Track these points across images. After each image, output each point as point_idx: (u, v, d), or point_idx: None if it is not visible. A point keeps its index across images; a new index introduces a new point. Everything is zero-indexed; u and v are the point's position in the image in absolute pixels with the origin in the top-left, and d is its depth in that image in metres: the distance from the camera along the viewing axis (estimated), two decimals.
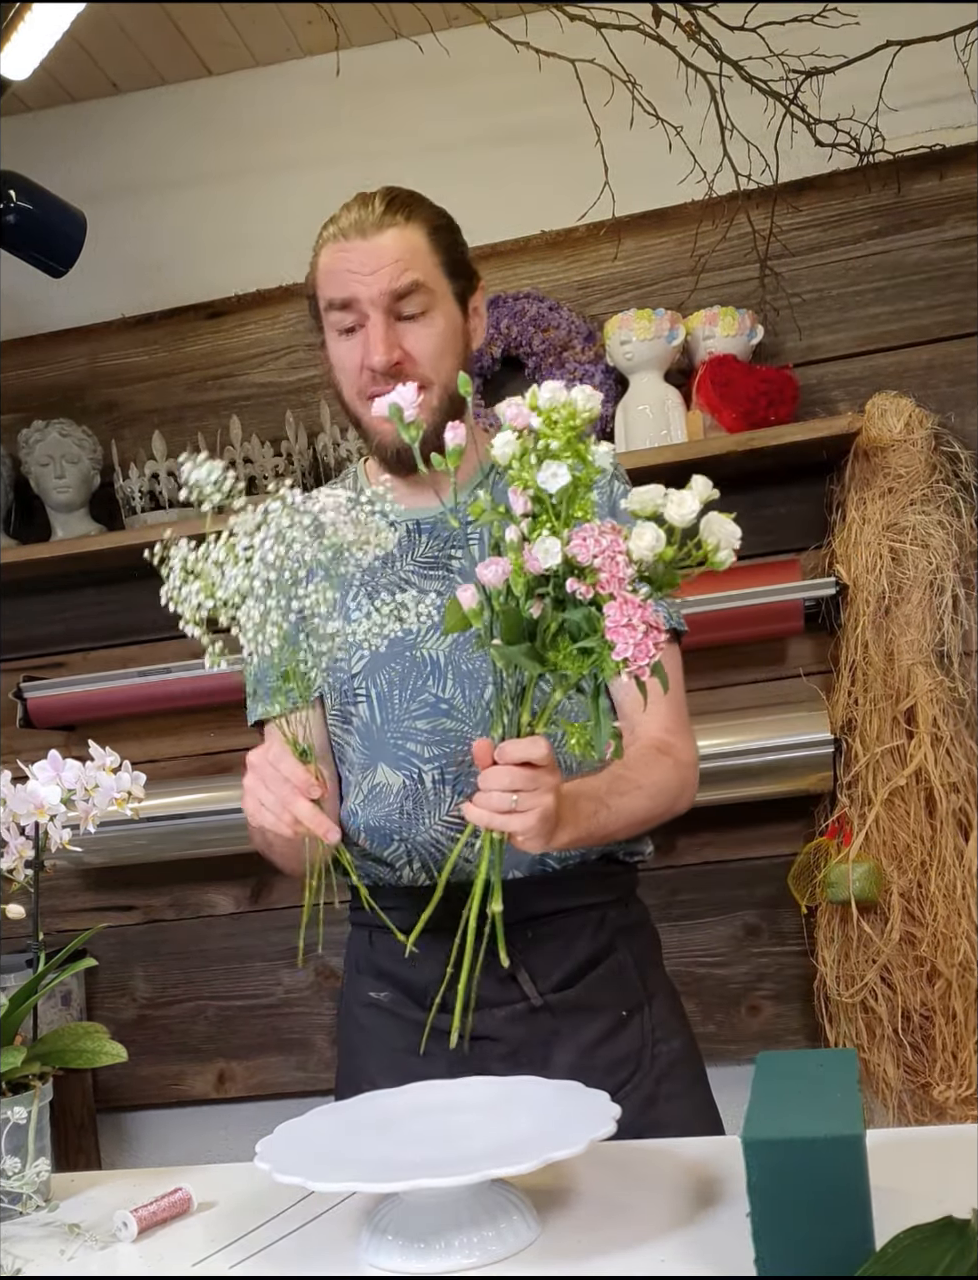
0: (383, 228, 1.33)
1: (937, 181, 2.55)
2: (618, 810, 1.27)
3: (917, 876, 2.34)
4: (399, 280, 1.32)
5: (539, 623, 0.98)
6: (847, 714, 2.42)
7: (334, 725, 1.45)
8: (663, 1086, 1.37)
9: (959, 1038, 2.30)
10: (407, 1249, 0.92)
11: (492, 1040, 1.35)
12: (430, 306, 1.34)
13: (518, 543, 0.97)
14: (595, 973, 1.38)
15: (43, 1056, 1.16)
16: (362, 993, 1.45)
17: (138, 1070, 2.77)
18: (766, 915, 2.58)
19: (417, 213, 1.35)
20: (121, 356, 2.82)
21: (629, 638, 0.94)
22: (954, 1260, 0.72)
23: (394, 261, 1.32)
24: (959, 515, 2.42)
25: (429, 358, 1.34)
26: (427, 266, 1.34)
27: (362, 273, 1.32)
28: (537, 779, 1.07)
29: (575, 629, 0.97)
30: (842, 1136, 0.78)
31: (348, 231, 1.34)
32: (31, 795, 1.25)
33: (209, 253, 2.78)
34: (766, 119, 2.45)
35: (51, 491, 2.67)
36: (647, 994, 1.41)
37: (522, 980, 1.35)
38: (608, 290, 2.65)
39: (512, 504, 0.98)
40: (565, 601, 0.97)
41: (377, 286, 1.32)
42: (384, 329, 1.32)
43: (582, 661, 0.97)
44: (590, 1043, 1.36)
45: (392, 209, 1.34)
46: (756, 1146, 0.79)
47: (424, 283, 1.33)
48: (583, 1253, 0.91)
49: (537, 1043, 1.35)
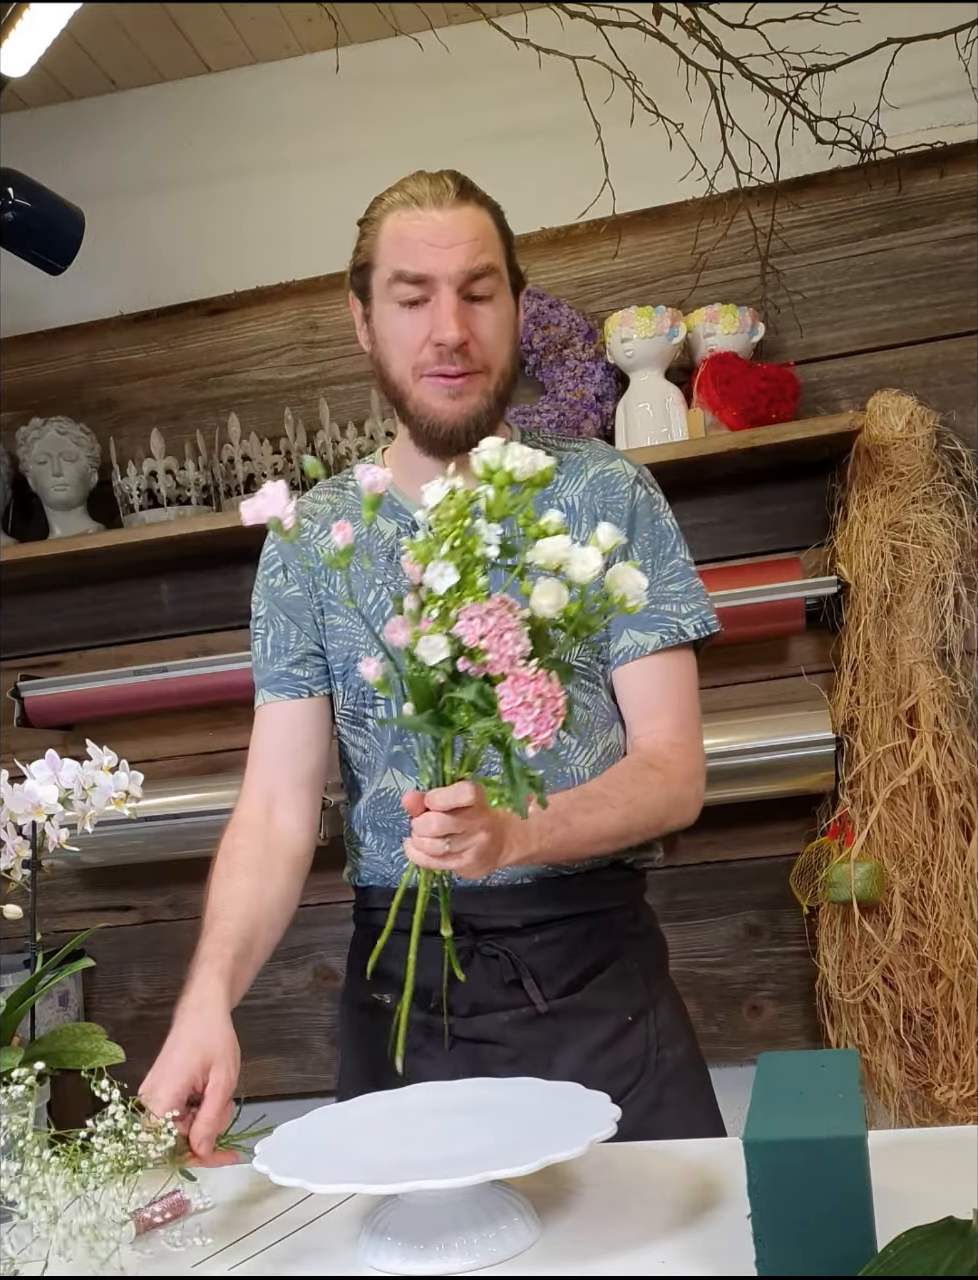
0: (460, 203, 1.30)
1: (938, 179, 2.55)
2: (581, 826, 1.24)
3: (919, 876, 2.33)
4: (477, 260, 1.29)
5: (441, 691, 0.96)
6: (848, 713, 2.42)
7: (343, 725, 1.44)
8: (667, 1092, 1.36)
9: (961, 1038, 2.30)
10: (406, 1250, 0.92)
11: (495, 1044, 1.34)
12: (497, 291, 1.32)
13: (416, 612, 0.95)
14: (600, 978, 1.37)
15: (40, 1057, 1.16)
16: (363, 994, 1.43)
17: (136, 1071, 2.75)
18: (767, 915, 2.58)
19: (485, 199, 1.34)
20: (120, 354, 2.81)
21: (527, 716, 0.92)
22: (956, 1261, 0.71)
23: (473, 240, 1.29)
24: (961, 514, 2.42)
25: (492, 342, 1.32)
26: (496, 251, 1.32)
27: (439, 245, 1.28)
28: (465, 823, 1.05)
29: (459, 704, 0.95)
30: (843, 1137, 0.77)
31: (423, 200, 1.30)
32: (29, 795, 1.24)
33: (208, 250, 2.77)
34: (766, 116, 2.44)
35: (49, 490, 2.67)
36: (651, 999, 1.40)
37: (527, 986, 1.34)
38: (608, 288, 2.65)
39: (407, 573, 0.95)
40: (461, 675, 0.95)
41: (454, 263, 1.29)
42: (458, 305, 1.29)
43: (483, 729, 0.95)
44: (594, 1048, 1.35)
45: (465, 190, 1.32)
46: (757, 1147, 0.78)
47: (497, 267, 1.32)
48: (583, 1254, 0.90)
49: (540, 1048, 1.34)
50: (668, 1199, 0.98)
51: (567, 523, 1.33)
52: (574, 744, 1.36)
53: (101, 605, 2.79)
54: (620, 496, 1.39)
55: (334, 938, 2.69)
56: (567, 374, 2.53)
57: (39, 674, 2.75)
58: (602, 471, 1.40)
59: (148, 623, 2.79)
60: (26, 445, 2.67)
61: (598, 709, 1.39)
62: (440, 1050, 1.36)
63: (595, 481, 1.39)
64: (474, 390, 1.32)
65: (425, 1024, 1.37)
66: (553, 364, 2.56)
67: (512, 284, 1.36)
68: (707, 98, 2.40)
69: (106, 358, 2.82)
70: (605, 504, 1.38)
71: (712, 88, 2.40)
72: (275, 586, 1.45)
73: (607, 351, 2.51)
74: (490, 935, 1.34)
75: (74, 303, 2.79)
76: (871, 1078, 2.38)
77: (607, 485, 1.39)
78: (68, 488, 2.66)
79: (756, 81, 2.41)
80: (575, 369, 2.53)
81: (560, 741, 1.33)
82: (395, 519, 1.40)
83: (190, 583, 2.76)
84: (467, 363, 1.30)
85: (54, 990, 2.55)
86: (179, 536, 2.54)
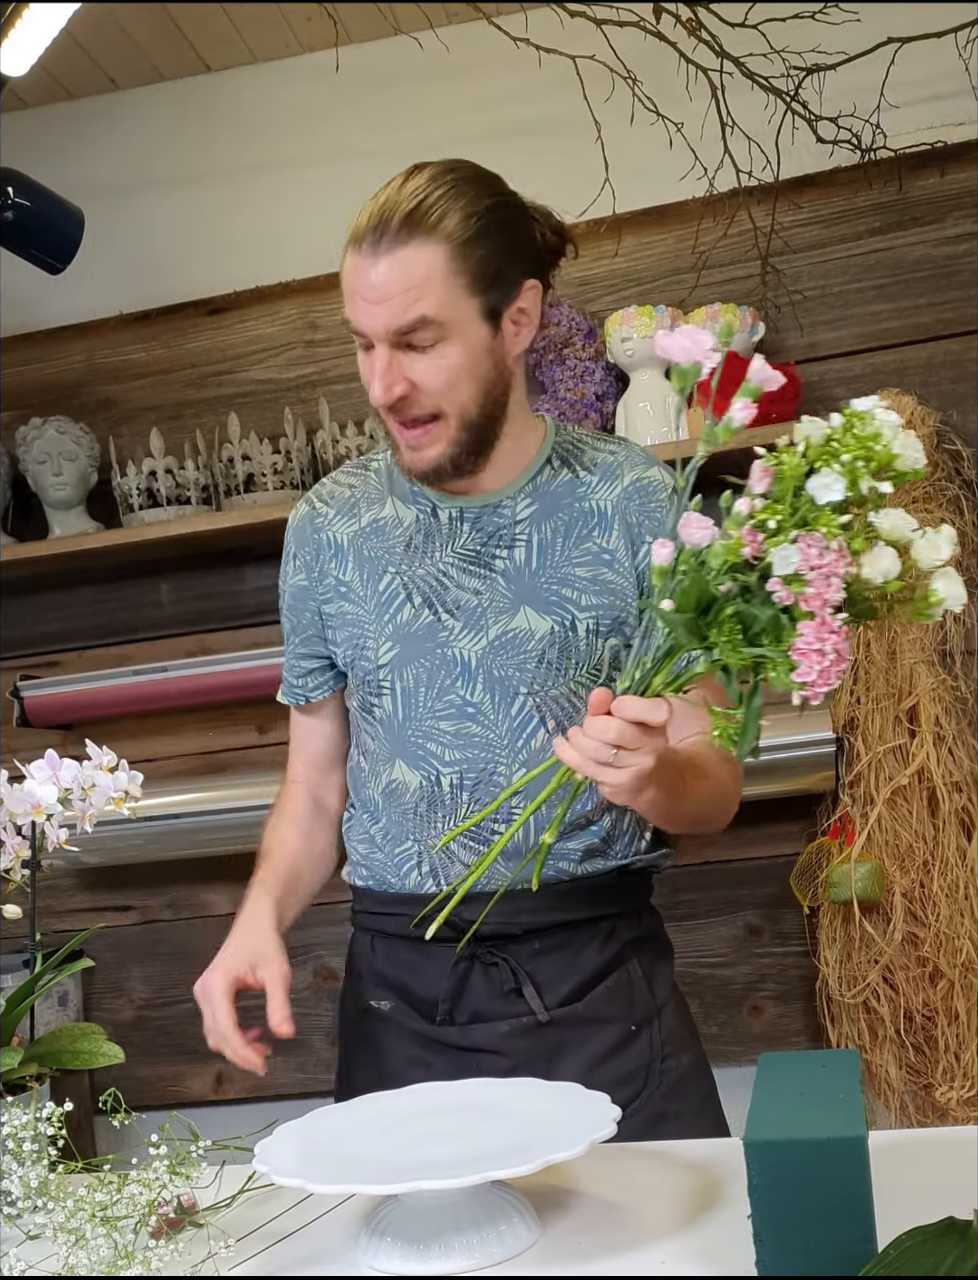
0: (396, 247, 1.21)
1: (938, 179, 2.55)
2: (689, 791, 1.23)
3: (919, 876, 2.33)
4: (405, 316, 1.21)
5: (716, 601, 0.93)
6: (849, 713, 2.42)
7: (358, 714, 1.42)
8: (672, 1104, 1.34)
9: (962, 1039, 2.29)
10: (406, 1251, 0.92)
11: (494, 1054, 1.32)
12: (442, 337, 1.23)
13: (743, 517, 0.91)
14: (603, 985, 1.35)
15: (40, 1058, 1.16)
16: (362, 999, 1.42)
17: (135, 1071, 2.76)
18: (767, 915, 2.58)
19: (443, 223, 1.22)
20: (119, 353, 2.81)
21: (816, 663, 0.89)
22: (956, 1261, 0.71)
23: (403, 292, 1.21)
24: (961, 513, 2.42)
25: (438, 390, 1.25)
26: (440, 293, 1.22)
27: (370, 300, 1.23)
28: (642, 739, 1.04)
29: (751, 620, 0.91)
30: (844, 1138, 0.77)
31: (363, 239, 1.23)
32: (28, 795, 1.24)
33: (207, 249, 2.77)
34: (767, 116, 2.44)
35: (49, 489, 2.66)
36: (656, 1007, 1.38)
37: (528, 995, 1.32)
38: (608, 287, 2.64)
39: (752, 478, 0.92)
40: (753, 592, 0.91)
41: (381, 321, 1.22)
42: (387, 363, 1.23)
43: (741, 655, 0.92)
44: (596, 1057, 1.33)
45: (412, 220, 1.21)
46: (757, 1148, 0.78)
47: (433, 317, 1.21)
48: (583, 1254, 0.90)
49: (540, 1058, 1.31)
50: (668, 1199, 0.98)
51: (597, 529, 1.33)
52: None
53: (101, 605, 2.79)
54: (659, 506, 1.34)
55: (334, 938, 2.69)
56: (567, 373, 2.53)
57: (38, 674, 2.74)
58: (640, 479, 1.35)
59: (147, 623, 2.78)
60: (26, 445, 2.67)
61: None
62: (439, 1059, 1.34)
63: (633, 489, 1.35)
64: (438, 440, 1.28)
65: (424, 1035, 1.35)
66: (553, 363, 2.55)
67: (489, 305, 1.26)
68: (707, 97, 2.40)
69: (106, 357, 2.82)
70: (643, 512, 1.34)
71: (712, 87, 2.40)
72: (289, 574, 1.44)
73: (607, 351, 2.51)
74: (490, 942, 1.32)
75: (73, 302, 2.79)
76: (871, 1078, 2.38)
77: (645, 493, 1.35)
78: (67, 487, 2.66)
79: (756, 81, 2.41)
80: (575, 368, 2.53)
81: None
82: (415, 505, 1.37)
83: (190, 583, 2.76)
84: (412, 411, 1.26)
85: (53, 990, 2.55)
86: (179, 536, 2.54)
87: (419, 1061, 1.34)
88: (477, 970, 1.33)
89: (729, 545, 0.91)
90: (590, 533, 1.33)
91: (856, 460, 0.88)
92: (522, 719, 1.32)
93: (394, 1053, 1.37)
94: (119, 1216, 0.93)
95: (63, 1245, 0.90)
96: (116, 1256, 0.90)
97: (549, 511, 1.34)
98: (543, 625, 1.31)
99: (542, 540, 1.33)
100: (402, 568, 1.35)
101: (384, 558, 1.36)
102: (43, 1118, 1.00)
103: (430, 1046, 1.35)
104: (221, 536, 2.53)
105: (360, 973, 1.44)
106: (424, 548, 1.35)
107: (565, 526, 1.34)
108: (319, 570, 1.40)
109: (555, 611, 1.32)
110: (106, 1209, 0.92)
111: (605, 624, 1.32)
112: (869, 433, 0.89)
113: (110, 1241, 0.90)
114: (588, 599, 1.32)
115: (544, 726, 1.32)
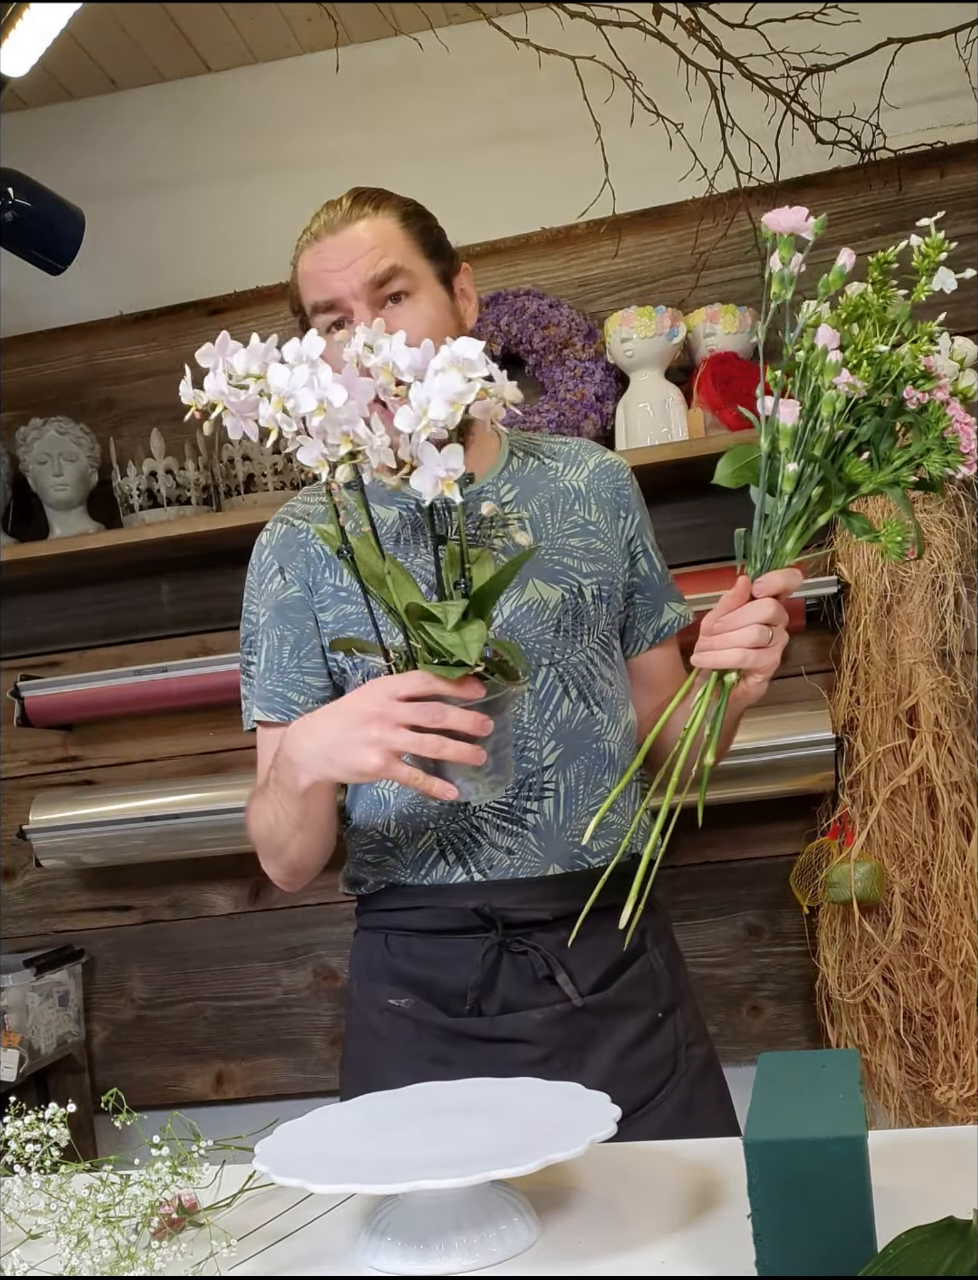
0: (352, 220, 1.33)
1: (938, 179, 2.55)
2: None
3: (919, 876, 2.33)
4: (377, 267, 1.31)
5: (836, 445, 1.06)
6: (848, 713, 2.42)
7: None
8: (698, 1091, 1.35)
9: (961, 1038, 2.29)
10: (406, 1250, 0.92)
11: (526, 1044, 1.31)
12: (413, 288, 1.33)
13: (837, 365, 1.04)
14: (630, 972, 1.36)
15: None
16: (378, 999, 1.40)
17: (136, 1071, 2.77)
18: (767, 915, 2.58)
19: (385, 202, 1.36)
20: (120, 354, 2.81)
21: (971, 434, 1.03)
22: (956, 1261, 0.71)
23: (370, 250, 1.31)
24: (961, 514, 2.42)
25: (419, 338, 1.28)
26: (402, 250, 1.33)
27: (339, 268, 1.32)
28: (784, 612, 1.12)
29: (878, 441, 1.05)
30: (843, 1137, 0.77)
31: (320, 233, 1.34)
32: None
33: (208, 250, 2.77)
34: (766, 116, 2.44)
35: (49, 490, 2.67)
36: (678, 995, 1.39)
37: (561, 981, 1.32)
38: (608, 288, 2.65)
39: (824, 337, 1.07)
40: (862, 419, 1.05)
41: (355, 278, 1.31)
42: (370, 318, 1.28)
43: (874, 473, 1.05)
44: (627, 1045, 1.33)
45: (358, 202, 1.35)
46: (757, 1148, 0.78)
47: (403, 266, 1.33)
48: (583, 1254, 0.90)
49: (571, 1047, 1.32)
50: (668, 1199, 0.98)
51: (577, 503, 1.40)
52: (606, 718, 1.37)
53: (101, 605, 2.79)
54: (625, 483, 1.45)
55: (334, 938, 2.69)
56: (567, 374, 2.53)
57: (39, 674, 2.75)
58: (602, 461, 1.46)
59: (148, 623, 2.79)
60: (26, 445, 2.67)
61: (618, 684, 1.41)
62: (462, 1054, 1.32)
63: (599, 470, 1.45)
64: None
65: (447, 1028, 1.34)
66: (553, 364, 2.55)
67: (441, 273, 1.37)
68: (707, 98, 2.40)
69: (106, 358, 2.82)
70: (614, 489, 1.44)
71: (712, 88, 2.40)
72: (274, 591, 1.40)
73: (607, 351, 2.51)
74: (519, 930, 1.32)
75: (74, 302, 2.79)
76: (871, 1078, 2.38)
77: (610, 474, 1.45)
78: (68, 488, 2.66)
79: (756, 81, 2.41)
80: (575, 369, 2.53)
81: (594, 715, 1.35)
82: (395, 504, 1.39)
83: (190, 583, 2.76)
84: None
85: (54, 991, 2.55)
86: (179, 536, 2.54)
87: (442, 1058, 1.33)
88: (505, 960, 1.33)
89: (851, 385, 1.04)
90: (573, 507, 1.41)
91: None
92: (546, 690, 1.34)
93: (416, 1051, 1.35)
94: (122, 1217, 0.93)
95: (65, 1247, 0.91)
96: (119, 1258, 0.90)
97: (530, 493, 1.40)
98: (554, 594, 1.36)
99: (533, 516, 1.38)
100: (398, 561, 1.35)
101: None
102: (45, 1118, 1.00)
103: (455, 1042, 1.33)
104: (222, 537, 2.53)
105: (373, 974, 1.41)
106: (415, 539, 1.37)
107: (550, 503, 1.40)
108: (314, 580, 1.39)
109: (562, 580, 1.36)
110: (109, 1210, 0.92)
111: (605, 589, 1.39)
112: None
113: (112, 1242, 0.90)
114: (587, 566, 1.38)
115: (567, 696, 1.35)
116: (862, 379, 1.05)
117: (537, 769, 1.33)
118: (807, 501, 1.08)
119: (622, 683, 1.42)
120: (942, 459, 1.04)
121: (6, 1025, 2.37)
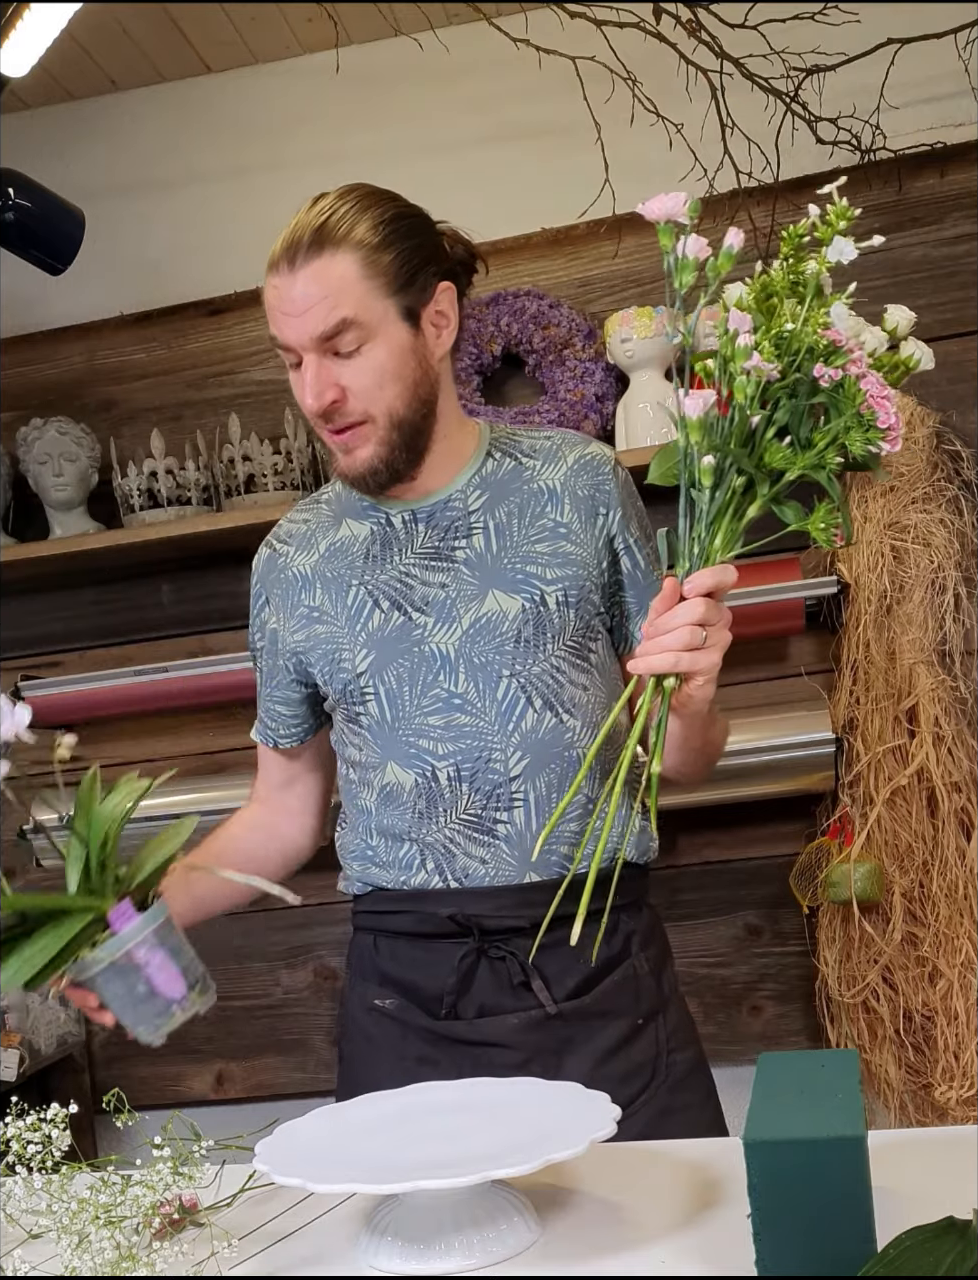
0: (310, 260, 1.28)
1: (938, 179, 2.55)
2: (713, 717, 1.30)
3: (919, 876, 2.33)
4: (327, 321, 1.27)
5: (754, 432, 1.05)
6: (848, 713, 2.42)
7: (342, 728, 1.42)
8: (678, 1097, 1.35)
9: (961, 1038, 2.29)
10: (406, 1250, 0.92)
11: (503, 1048, 1.32)
12: (367, 338, 1.29)
13: (748, 349, 1.03)
14: (610, 979, 1.36)
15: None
16: (366, 999, 1.42)
17: (136, 1071, 2.76)
18: (767, 915, 2.58)
19: (350, 234, 1.29)
20: (120, 354, 2.81)
21: (889, 408, 1.00)
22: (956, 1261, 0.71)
23: (321, 299, 1.27)
24: (961, 514, 2.42)
25: (367, 391, 1.30)
26: (357, 296, 1.28)
27: (291, 313, 1.29)
28: (718, 613, 1.09)
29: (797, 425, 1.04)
30: (843, 1137, 0.77)
31: (279, 260, 1.31)
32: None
33: (208, 250, 2.77)
34: (766, 116, 2.44)
35: (50, 490, 2.67)
36: (662, 1001, 1.39)
37: (536, 988, 1.32)
38: (608, 288, 2.64)
39: (734, 322, 1.06)
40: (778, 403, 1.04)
41: (306, 330, 1.28)
42: (316, 371, 1.29)
43: (798, 458, 1.03)
44: (605, 1051, 1.33)
45: (320, 237, 1.28)
46: (757, 1147, 0.78)
47: (354, 318, 1.27)
48: (583, 1254, 0.90)
49: (549, 1051, 1.32)
50: (668, 1199, 0.98)
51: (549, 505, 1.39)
52: (578, 725, 1.35)
53: (102, 605, 2.79)
54: (606, 478, 1.40)
55: (334, 938, 2.69)
56: (567, 374, 2.53)
57: (39, 674, 2.75)
58: (583, 456, 1.41)
59: (148, 623, 2.79)
60: (27, 445, 2.67)
61: (595, 689, 1.38)
62: (446, 1056, 1.34)
63: (577, 466, 1.40)
64: (368, 441, 1.32)
65: (430, 1030, 1.35)
66: (553, 364, 2.56)
67: (407, 306, 1.31)
68: (707, 98, 2.40)
69: (106, 358, 2.82)
70: (593, 485, 1.39)
71: (712, 88, 2.40)
72: (263, 620, 1.47)
73: (607, 351, 2.51)
74: (497, 936, 1.33)
75: (74, 303, 2.79)
76: (871, 1078, 2.38)
77: (590, 469, 1.40)
78: (68, 488, 2.66)
79: (756, 81, 2.41)
80: (575, 369, 2.53)
81: (563, 723, 1.34)
82: (368, 519, 1.41)
83: (190, 583, 2.76)
84: (344, 418, 1.31)
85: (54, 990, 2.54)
86: (179, 537, 2.54)
87: (427, 1059, 1.34)
88: (484, 965, 1.34)
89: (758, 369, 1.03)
90: (544, 510, 1.38)
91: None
92: (509, 701, 1.33)
93: (402, 1050, 1.37)
94: (123, 1218, 0.93)
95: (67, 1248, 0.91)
96: (120, 1258, 0.90)
97: (500, 498, 1.38)
98: (514, 605, 1.34)
99: (498, 524, 1.37)
100: (364, 578, 1.38)
101: (346, 574, 1.39)
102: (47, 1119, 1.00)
103: (438, 1044, 1.35)
104: (222, 537, 2.53)
105: (364, 973, 1.44)
106: (383, 555, 1.38)
107: (519, 508, 1.38)
108: (290, 604, 1.43)
109: (523, 589, 1.35)
110: (110, 1210, 0.92)
111: (573, 595, 1.35)
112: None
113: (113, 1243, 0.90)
114: (552, 572, 1.35)
115: (531, 706, 1.33)
116: (766, 359, 1.02)
117: (503, 779, 1.33)
118: (732, 494, 1.06)
119: (602, 687, 1.39)
120: (862, 436, 1.01)
121: (7, 1025, 2.37)
